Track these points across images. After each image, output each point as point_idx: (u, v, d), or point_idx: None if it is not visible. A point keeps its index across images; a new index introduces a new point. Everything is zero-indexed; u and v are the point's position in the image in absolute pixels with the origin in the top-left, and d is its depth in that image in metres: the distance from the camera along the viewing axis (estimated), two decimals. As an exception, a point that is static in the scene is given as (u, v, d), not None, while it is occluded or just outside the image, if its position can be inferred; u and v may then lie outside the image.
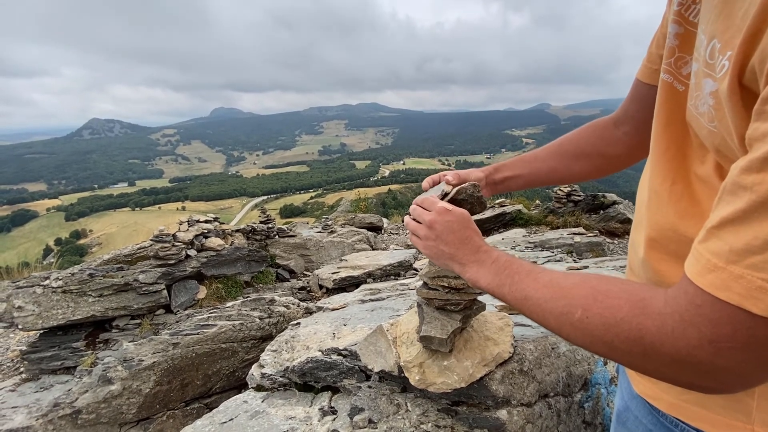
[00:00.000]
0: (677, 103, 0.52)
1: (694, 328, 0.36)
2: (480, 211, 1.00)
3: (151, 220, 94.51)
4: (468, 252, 0.67)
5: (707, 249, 0.37)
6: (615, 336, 0.42)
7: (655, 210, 0.53)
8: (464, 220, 0.71)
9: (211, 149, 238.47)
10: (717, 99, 0.40)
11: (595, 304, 0.45)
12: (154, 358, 2.38)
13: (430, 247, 0.73)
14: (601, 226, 5.84)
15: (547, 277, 0.54)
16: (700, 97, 0.44)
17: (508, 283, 0.58)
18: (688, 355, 0.37)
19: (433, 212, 0.73)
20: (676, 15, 0.52)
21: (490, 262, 0.64)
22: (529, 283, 0.55)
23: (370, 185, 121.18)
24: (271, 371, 1.52)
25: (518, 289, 0.57)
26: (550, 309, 0.51)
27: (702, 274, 0.36)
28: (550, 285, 0.52)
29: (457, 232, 0.70)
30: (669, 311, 0.39)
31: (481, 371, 0.99)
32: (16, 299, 3.08)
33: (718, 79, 0.39)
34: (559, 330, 0.50)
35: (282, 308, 2.88)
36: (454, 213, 0.72)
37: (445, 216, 0.71)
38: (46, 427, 2.17)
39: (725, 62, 0.37)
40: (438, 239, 0.71)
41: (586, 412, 1.19)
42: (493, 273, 0.62)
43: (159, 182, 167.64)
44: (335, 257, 5.54)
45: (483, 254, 0.66)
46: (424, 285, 1.04)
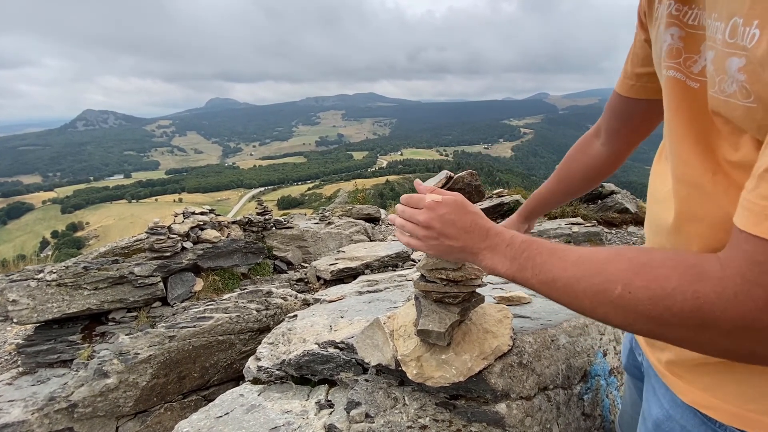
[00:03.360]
0: (694, 99, 0.50)
1: (760, 287, 0.33)
2: (478, 200, 0.97)
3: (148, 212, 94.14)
4: (477, 239, 0.61)
5: (759, 195, 0.34)
6: (665, 309, 0.39)
7: (701, 204, 0.49)
8: (459, 206, 0.65)
9: (207, 140, 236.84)
10: (750, 71, 0.38)
11: (637, 277, 0.41)
12: (151, 351, 2.36)
13: (434, 246, 0.66)
14: (599, 215, 5.84)
15: (575, 254, 0.49)
16: (725, 80, 0.42)
17: (530, 266, 0.54)
18: (754, 319, 0.34)
19: (424, 210, 0.66)
20: (675, 19, 0.52)
21: (504, 246, 0.58)
22: (555, 262, 0.51)
23: (367, 176, 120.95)
24: (267, 364, 1.50)
25: (543, 271, 0.52)
26: (583, 289, 0.46)
27: (758, 223, 0.34)
28: (580, 262, 0.48)
29: (458, 221, 0.63)
30: (729, 274, 0.35)
31: (479, 365, 0.98)
32: (10, 293, 3.05)
33: (749, 50, 0.38)
34: (594, 311, 0.46)
35: (279, 300, 2.86)
36: (446, 202, 0.65)
37: (437, 210, 0.65)
38: (42, 421, 2.16)
39: (755, 31, 0.37)
40: (441, 236, 0.64)
41: (586, 404, 1.18)
42: (510, 257, 0.57)
43: (155, 174, 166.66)
44: (333, 249, 5.53)
45: (494, 237, 0.60)
46: (422, 277, 1.02)
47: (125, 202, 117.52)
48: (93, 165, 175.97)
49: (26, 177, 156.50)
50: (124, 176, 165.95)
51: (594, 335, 1.28)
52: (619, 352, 1.36)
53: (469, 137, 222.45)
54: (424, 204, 0.66)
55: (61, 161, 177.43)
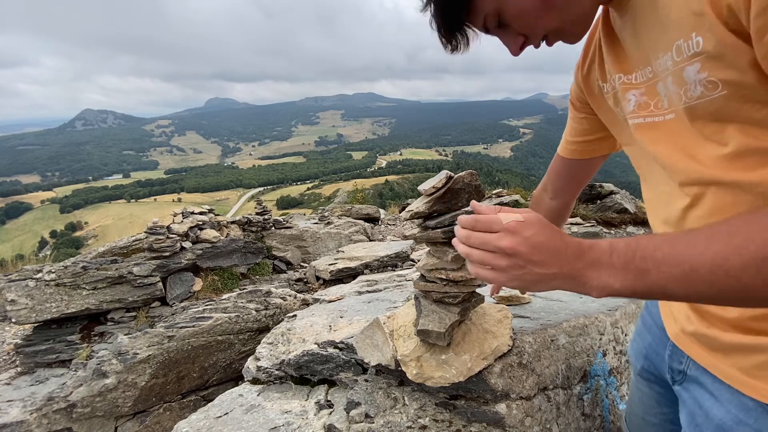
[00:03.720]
0: (667, 128, 0.59)
1: None
2: (478, 200, 0.97)
3: (147, 211, 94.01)
4: (572, 260, 0.51)
5: None
6: None
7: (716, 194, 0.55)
8: (546, 225, 0.55)
9: (207, 140, 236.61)
10: (709, 66, 0.48)
11: None
12: (150, 351, 2.36)
13: (519, 276, 0.54)
14: (598, 216, 5.84)
15: (703, 235, 0.45)
16: (689, 89, 0.51)
17: (653, 267, 0.46)
18: None
19: (504, 234, 0.54)
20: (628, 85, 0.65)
21: (607, 257, 0.50)
22: (684, 249, 0.45)
23: (367, 176, 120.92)
24: (266, 364, 1.50)
25: (674, 264, 0.45)
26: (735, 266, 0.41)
27: None
28: (714, 240, 0.43)
29: (548, 243, 0.52)
30: None
31: (479, 365, 0.98)
32: (9, 293, 3.05)
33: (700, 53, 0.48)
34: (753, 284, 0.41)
35: (278, 300, 2.86)
36: (530, 222, 0.54)
37: (523, 232, 0.53)
38: (41, 421, 2.16)
39: (698, 39, 0.48)
40: (528, 263, 0.53)
41: (585, 404, 1.18)
42: (621, 267, 0.49)
43: (154, 174, 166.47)
44: (332, 248, 5.52)
45: (590, 253, 0.51)
46: (422, 277, 1.02)
47: (124, 201, 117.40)
48: (92, 165, 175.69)
49: (25, 177, 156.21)
50: (123, 176, 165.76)
51: (594, 335, 1.28)
52: (618, 352, 1.36)
53: (468, 137, 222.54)
54: (503, 227, 0.54)
55: (60, 161, 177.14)
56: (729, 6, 0.43)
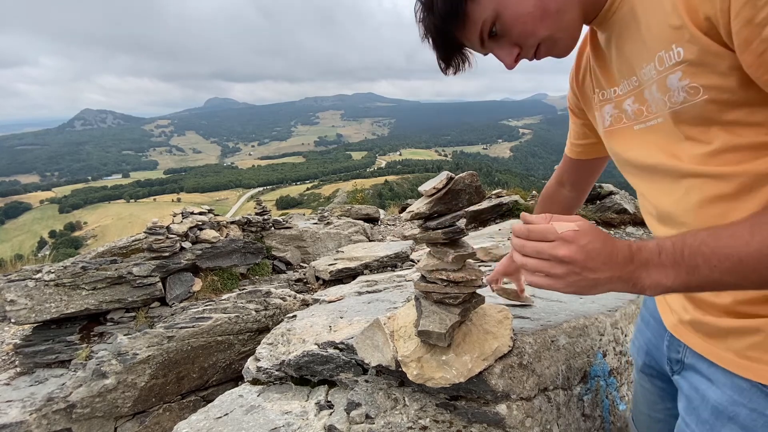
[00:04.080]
0: (661, 132, 0.63)
1: None
2: (478, 201, 0.97)
3: (146, 211, 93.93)
4: (623, 263, 0.55)
5: None
6: None
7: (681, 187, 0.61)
8: (598, 231, 0.57)
9: (206, 140, 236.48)
10: (690, 73, 0.52)
11: None
12: (149, 352, 2.36)
13: (575, 283, 0.57)
14: (597, 216, 5.85)
15: (741, 228, 0.48)
16: (673, 96, 0.56)
17: (702, 262, 0.49)
18: None
19: (560, 243, 0.56)
20: (618, 98, 0.71)
21: (657, 257, 0.53)
22: (729, 242, 0.47)
23: (366, 176, 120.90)
24: (266, 365, 1.50)
25: (720, 258, 0.48)
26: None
27: None
28: (757, 228, 0.47)
29: (601, 250, 0.55)
30: None
31: (480, 366, 0.98)
32: (8, 293, 3.04)
33: (682, 63, 0.53)
34: None
35: (278, 300, 2.86)
36: (585, 231, 0.56)
37: (579, 240, 0.55)
38: (40, 421, 2.15)
39: (679, 50, 0.52)
40: (584, 270, 0.56)
41: (586, 404, 1.18)
42: (671, 264, 0.52)
43: (154, 174, 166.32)
44: (332, 249, 5.52)
45: (640, 254, 0.54)
46: (422, 278, 1.02)
47: (123, 201, 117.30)
48: (91, 164, 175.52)
49: (24, 176, 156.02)
50: (122, 176, 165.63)
51: (594, 336, 1.28)
52: (618, 353, 1.36)
53: (467, 137, 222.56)
54: (558, 236, 0.57)
55: (59, 161, 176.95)
56: (708, 18, 0.48)
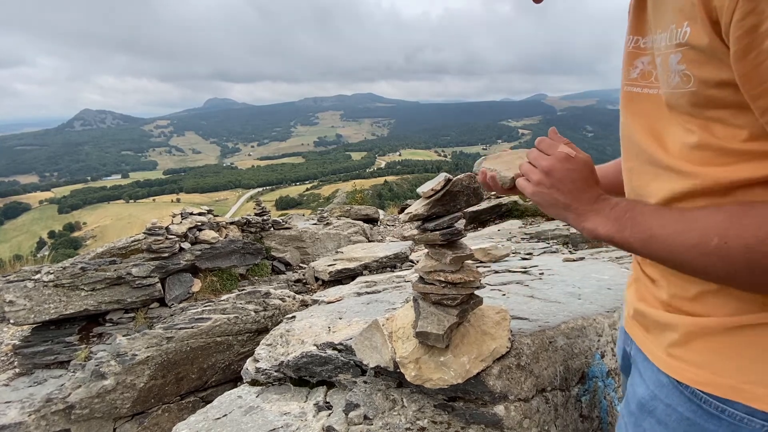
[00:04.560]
0: (656, 104, 0.59)
1: None
2: (476, 202, 0.97)
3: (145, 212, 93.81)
4: (586, 201, 0.62)
5: None
6: (763, 255, 0.41)
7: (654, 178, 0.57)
8: (589, 169, 0.65)
9: (206, 140, 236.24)
10: (688, 59, 0.48)
11: (733, 226, 0.43)
12: (148, 353, 2.36)
13: (540, 193, 0.66)
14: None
15: (676, 213, 0.52)
16: (670, 75, 0.52)
17: (630, 225, 0.55)
18: None
19: (552, 157, 0.66)
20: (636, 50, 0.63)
21: (609, 209, 0.60)
22: (655, 219, 0.53)
23: (366, 177, 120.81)
24: (265, 366, 1.50)
25: (642, 230, 0.54)
26: (681, 243, 0.48)
27: None
28: (679, 219, 0.50)
29: (577, 181, 0.64)
30: None
31: (478, 367, 0.98)
32: (7, 293, 3.04)
33: (685, 44, 0.48)
34: (691, 264, 0.48)
35: (277, 301, 2.86)
36: (577, 160, 0.65)
37: (566, 163, 0.64)
38: (39, 422, 2.15)
39: (686, 29, 0.47)
40: (553, 187, 0.65)
41: (584, 405, 1.18)
42: (613, 219, 0.58)
43: (153, 174, 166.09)
44: (331, 249, 5.52)
45: (602, 202, 0.61)
46: (421, 279, 1.02)
47: (123, 202, 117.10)
48: (90, 165, 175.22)
49: (23, 177, 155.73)
50: (121, 176, 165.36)
51: (592, 337, 1.28)
52: (616, 354, 1.36)
53: (467, 138, 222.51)
54: (554, 152, 0.66)
55: (59, 161, 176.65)
56: (715, 8, 0.44)
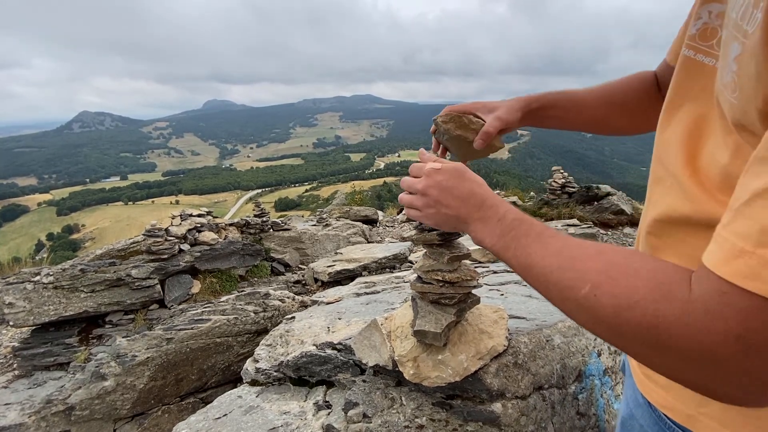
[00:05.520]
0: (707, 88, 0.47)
1: (720, 319, 0.31)
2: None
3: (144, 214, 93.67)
4: (471, 208, 0.60)
5: (733, 231, 0.31)
6: (625, 321, 0.37)
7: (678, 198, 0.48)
8: (459, 173, 0.63)
9: (205, 142, 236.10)
10: (740, 64, 0.36)
11: (608, 281, 0.39)
12: (148, 354, 2.36)
13: (432, 215, 0.64)
14: (595, 217, 5.87)
15: (558, 244, 0.47)
16: (725, 66, 0.40)
17: (513, 247, 0.52)
18: (710, 351, 0.32)
19: (423, 177, 0.65)
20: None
21: (495, 220, 0.56)
22: (537, 249, 0.49)
23: (365, 178, 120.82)
24: (265, 366, 1.51)
25: (523, 255, 0.50)
26: (555, 280, 0.45)
27: (726, 262, 0.31)
28: (559, 254, 0.46)
29: (454, 188, 0.61)
30: (693, 299, 0.33)
31: (475, 365, 0.99)
32: (6, 295, 3.04)
33: (749, 36, 0.35)
34: (561, 305, 0.45)
35: (277, 302, 2.87)
36: (445, 169, 0.64)
37: (435, 176, 0.63)
38: (39, 424, 2.16)
39: (759, 15, 0.33)
40: (438, 204, 0.63)
41: (580, 403, 1.20)
42: (498, 233, 0.55)
43: (152, 176, 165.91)
44: (330, 250, 5.53)
45: (488, 210, 0.58)
46: (418, 279, 1.03)
47: (122, 204, 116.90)
48: (89, 167, 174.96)
49: (21, 179, 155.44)
50: (120, 178, 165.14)
51: (589, 335, 1.29)
52: (613, 352, 1.37)
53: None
54: (423, 172, 0.66)
55: (57, 163, 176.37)
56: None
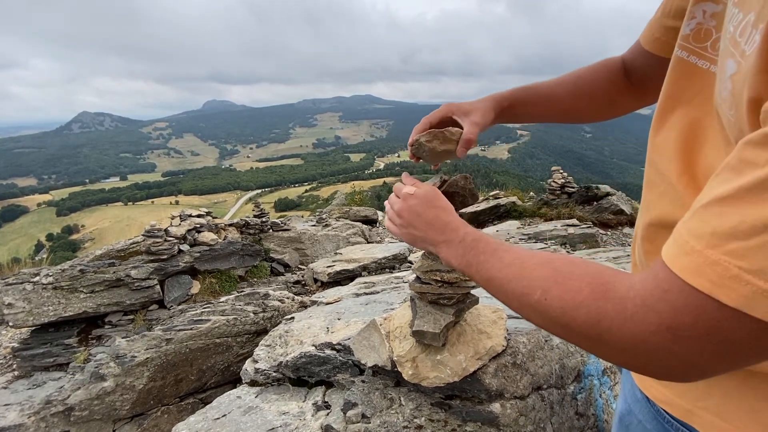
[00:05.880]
0: (712, 87, 0.44)
1: (654, 313, 0.34)
2: (472, 203, 0.99)
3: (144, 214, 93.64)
4: (436, 232, 0.67)
5: (688, 230, 0.34)
6: (572, 319, 0.41)
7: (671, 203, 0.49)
8: (428, 200, 0.70)
9: (204, 142, 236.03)
10: (735, 84, 0.36)
11: (555, 286, 0.43)
12: (148, 354, 2.36)
13: (405, 234, 0.73)
14: (594, 217, 5.87)
15: (512, 257, 0.52)
16: (722, 81, 0.39)
17: (475, 263, 0.57)
18: (643, 341, 0.35)
19: (400, 200, 0.74)
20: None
21: (457, 241, 0.62)
22: (494, 263, 0.54)
23: (365, 178, 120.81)
24: (264, 366, 1.51)
25: (484, 269, 0.55)
26: (512, 290, 0.49)
27: (677, 257, 0.34)
28: (512, 265, 0.51)
29: (423, 214, 0.69)
30: (632, 295, 0.36)
31: (474, 365, 0.99)
32: (6, 296, 3.04)
33: (746, 57, 0.34)
34: (519, 311, 0.49)
35: (276, 302, 2.87)
36: (417, 195, 0.72)
37: (408, 201, 0.72)
38: (39, 424, 2.16)
39: (757, 37, 0.32)
40: (409, 226, 0.71)
41: (579, 403, 1.20)
42: (461, 253, 0.61)
43: (151, 176, 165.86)
44: (330, 251, 5.53)
45: (450, 233, 0.64)
46: (417, 279, 1.03)
47: (121, 204, 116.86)
48: (89, 167, 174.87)
49: (21, 179, 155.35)
50: (120, 178, 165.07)
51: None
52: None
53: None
54: (401, 194, 0.74)
55: (57, 163, 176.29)
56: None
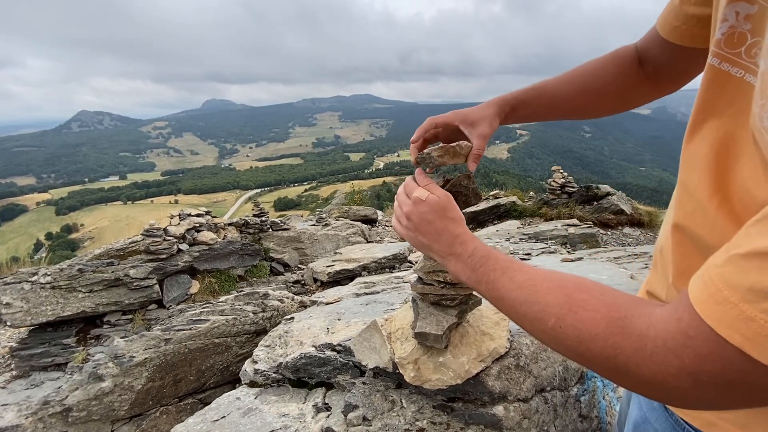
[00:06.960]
0: (746, 98, 0.40)
1: (676, 357, 0.33)
2: (475, 202, 0.97)
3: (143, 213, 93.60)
4: (444, 244, 0.64)
5: (722, 277, 0.32)
6: (587, 350, 0.41)
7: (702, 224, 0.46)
8: (440, 209, 0.66)
9: (204, 142, 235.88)
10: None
11: (570, 314, 0.43)
12: (146, 354, 2.35)
13: (410, 237, 0.70)
14: (594, 217, 5.87)
15: (523, 278, 0.51)
16: (762, 105, 0.34)
17: (485, 281, 0.56)
18: (663, 381, 0.35)
19: (410, 202, 0.70)
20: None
21: (466, 256, 0.60)
22: (504, 282, 0.53)
23: (364, 177, 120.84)
24: (264, 367, 1.49)
25: (494, 288, 0.54)
26: (524, 312, 0.49)
27: (707, 304, 0.32)
28: (524, 287, 0.50)
29: (432, 223, 0.66)
30: (652, 335, 0.36)
31: (477, 367, 0.98)
32: (4, 295, 3.03)
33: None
34: (533, 334, 0.49)
35: (276, 302, 2.85)
36: (428, 202, 0.67)
37: (418, 206, 0.68)
38: (36, 425, 2.14)
39: None
40: (416, 230, 0.68)
41: (583, 405, 1.18)
42: (470, 269, 0.59)
43: (151, 175, 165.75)
44: (330, 250, 5.52)
45: (459, 246, 0.62)
46: (419, 280, 1.02)
47: (120, 203, 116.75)
48: (88, 166, 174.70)
49: (20, 178, 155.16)
50: (119, 178, 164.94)
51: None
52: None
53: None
54: (412, 196, 0.70)
55: (56, 162, 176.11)
56: None
